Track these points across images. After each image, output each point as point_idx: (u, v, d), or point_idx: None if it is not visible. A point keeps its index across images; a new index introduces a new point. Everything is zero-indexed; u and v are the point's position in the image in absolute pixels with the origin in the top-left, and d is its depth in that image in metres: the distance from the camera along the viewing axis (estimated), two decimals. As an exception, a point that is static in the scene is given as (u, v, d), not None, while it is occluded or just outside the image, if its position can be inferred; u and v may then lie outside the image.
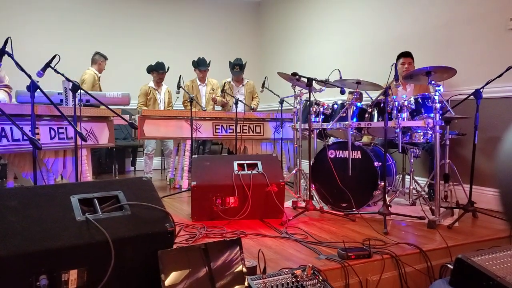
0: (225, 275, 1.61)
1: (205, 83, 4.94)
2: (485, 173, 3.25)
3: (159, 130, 4.05)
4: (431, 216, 2.74)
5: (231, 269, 1.63)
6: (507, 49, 3.10)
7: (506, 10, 3.14)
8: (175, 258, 1.56)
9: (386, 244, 2.24)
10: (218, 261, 1.62)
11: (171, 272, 1.52)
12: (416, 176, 3.42)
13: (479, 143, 2.97)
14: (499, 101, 3.12)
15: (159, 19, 6.08)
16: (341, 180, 3.01)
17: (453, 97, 3.23)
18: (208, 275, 1.58)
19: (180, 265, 1.55)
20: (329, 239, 2.39)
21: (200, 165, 2.87)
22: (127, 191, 1.73)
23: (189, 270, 1.56)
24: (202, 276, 1.57)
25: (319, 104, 3.34)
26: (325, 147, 3.21)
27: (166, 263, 1.52)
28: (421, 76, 2.83)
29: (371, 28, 4.46)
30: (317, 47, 5.30)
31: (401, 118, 2.83)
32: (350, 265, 1.95)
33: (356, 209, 2.95)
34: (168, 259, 1.53)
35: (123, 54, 5.76)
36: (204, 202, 2.77)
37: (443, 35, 3.64)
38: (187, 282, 1.53)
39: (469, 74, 3.29)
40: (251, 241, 2.36)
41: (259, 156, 3.11)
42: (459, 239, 2.38)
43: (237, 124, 4.19)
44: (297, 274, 1.72)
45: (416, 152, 3.16)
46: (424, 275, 2.12)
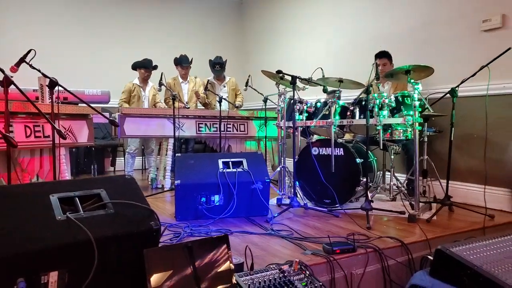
0: (213, 273, 1.60)
1: (187, 81, 4.89)
2: (460, 168, 3.36)
3: (140, 129, 3.98)
4: (411, 210, 2.81)
5: (218, 266, 1.63)
6: (480, 49, 3.21)
7: (479, 12, 3.25)
8: (161, 257, 1.53)
9: (370, 238, 2.28)
10: (206, 258, 1.61)
11: (157, 271, 1.50)
12: (396, 173, 3.50)
13: (455, 139, 3.06)
14: (473, 99, 3.23)
15: (141, 17, 5.98)
16: (324, 176, 3.05)
17: (430, 95, 3.32)
18: (194, 273, 1.57)
19: (166, 264, 1.53)
20: (314, 234, 2.42)
21: (184, 164, 2.85)
22: (109, 189, 1.69)
23: (176, 269, 1.54)
24: (188, 274, 1.55)
25: (302, 102, 3.37)
26: (308, 145, 3.24)
27: (152, 262, 1.49)
28: (400, 74, 2.90)
29: (353, 28, 4.52)
30: (300, 46, 5.33)
31: (382, 115, 2.88)
32: (336, 259, 1.98)
33: (340, 205, 2.99)
34: (154, 258, 1.51)
35: (104, 52, 5.65)
36: (188, 201, 2.75)
37: (421, 35, 3.73)
38: (174, 281, 1.52)
39: (445, 73, 3.39)
40: (237, 238, 2.36)
41: (244, 154, 3.12)
42: (438, 231, 2.46)
43: (221, 123, 4.17)
44: (284, 270, 1.73)
45: (396, 149, 3.23)
46: (405, 267, 2.17)
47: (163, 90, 4.36)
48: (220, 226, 2.60)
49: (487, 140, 3.04)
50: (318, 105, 3.29)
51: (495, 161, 3.14)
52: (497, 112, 3.10)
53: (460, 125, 3.25)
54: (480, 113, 3.06)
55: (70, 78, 4.28)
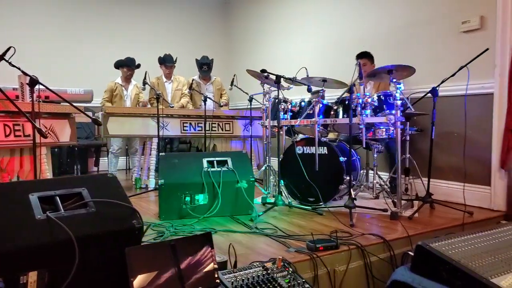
0: (196, 271, 1.60)
1: (171, 80, 4.86)
2: (441, 166, 3.43)
3: (124, 128, 3.94)
4: (393, 208, 2.86)
5: (201, 264, 1.62)
6: (460, 50, 3.28)
7: (458, 14, 3.33)
8: (144, 255, 1.53)
9: (352, 236, 2.31)
10: (188, 257, 1.60)
11: (140, 270, 1.49)
12: (379, 171, 3.55)
13: (436, 138, 3.14)
14: (453, 99, 3.30)
15: (124, 15, 5.92)
16: (308, 175, 3.07)
17: (412, 95, 3.39)
18: (178, 271, 1.56)
19: (149, 263, 1.52)
20: (298, 232, 2.44)
21: (168, 163, 2.83)
22: (91, 188, 1.68)
23: (158, 267, 1.53)
24: (172, 273, 1.55)
25: (287, 102, 3.39)
26: (293, 144, 3.26)
27: (134, 261, 1.48)
28: (383, 74, 2.95)
29: (337, 28, 4.57)
30: (285, 46, 5.36)
31: (365, 114, 2.93)
32: (319, 256, 2.00)
33: (323, 203, 3.02)
34: (136, 257, 1.50)
35: (87, 51, 5.58)
36: (172, 201, 2.74)
37: (403, 36, 3.80)
38: (157, 279, 1.51)
39: (426, 73, 3.45)
40: (221, 237, 2.36)
41: (229, 153, 3.11)
42: (419, 228, 2.51)
43: (206, 122, 4.16)
44: (267, 267, 1.74)
45: (379, 148, 3.28)
46: (387, 263, 2.21)
47: (147, 90, 4.33)
48: (205, 225, 2.60)
49: (466, 139, 3.11)
50: (303, 104, 3.32)
51: (474, 159, 3.21)
52: (475, 111, 3.19)
53: (441, 124, 3.32)
54: (460, 112, 3.14)
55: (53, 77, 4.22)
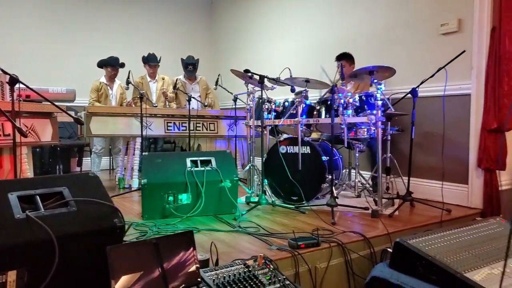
0: (178, 269, 1.61)
1: (156, 80, 4.84)
2: (421, 165, 3.51)
3: (107, 128, 3.90)
4: (374, 206, 2.91)
5: (183, 262, 1.64)
6: (439, 51, 3.37)
7: (438, 17, 3.42)
8: (125, 253, 1.53)
9: (334, 233, 2.35)
10: (170, 255, 1.61)
11: (121, 268, 1.49)
12: (361, 170, 3.62)
13: (416, 138, 3.21)
14: (432, 99, 3.38)
15: (108, 14, 5.86)
16: (291, 174, 3.11)
17: (393, 95, 3.46)
18: (160, 270, 1.57)
19: (130, 261, 1.52)
20: (280, 230, 2.46)
21: (151, 163, 2.83)
22: (72, 187, 1.67)
23: (140, 266, 1.54)
24: (153, 271, 1.55)
25: (271, 102, 3.42)
26: (276, 143, 3.29)
27: (115, 260, 1.49)
28: (364, 74, 3.01)
29: (320, 30, 4.62)
30: (270, 46, 5.39)
31: (347, 115, 2.98)
32: (300, 253, 2.03)
33: (306, 201, 3.06)
34: (117, 255, 1.50)
35: (70, 49, 5.51)
36: (155, 200, 2.73)
37: (384, 37, 3.87)
38: (139, 278, 1.51)
39: (407, 74, 3.53)
40: (204, 236, 2.37)
41: (212, 153, 3.12)
42: (399, 226, 2.57)
43: (190, 122, 4.15)
44: (249, 264, 1.77)
45: (361, 147, 3.34)
46: (367, 260, 2.26)
47: (131, 89, 4.30)
48: (188, 224, 2.60)
49: (444, 139, 3.20)
50: (286, 104, 3.35)
51: (453, 158, 3.30)
52: (454, 111, 3.28)
53: (421, 124, 3.40)
54: (439, 112, 3.22)
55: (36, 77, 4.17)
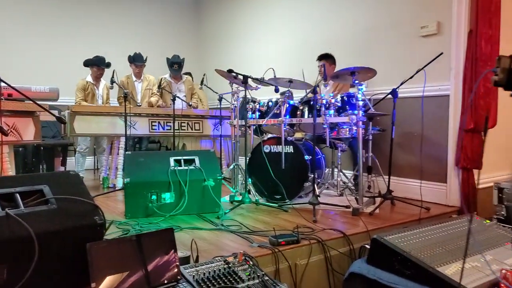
0: (158, 265, 1.63)
1: (141, 79, 4.83)
2: (402, 165, 3.59)
3: (91, 127, 3.89)
4: (355, 204, 2.97)
5: (163, 259, 1.66)
6: (419, 53, 3.45)
7: (418, 19, 3.50)
8: (105, 250, 1.54)
9: (314, 231, 2.40)
10: (150, 252, 1.63)
11: (101, 265, 1.51)
12: (345, 169, 3.68)
13: (396, 137, 3.28)
14: (412, 100, 3.46)
15: (93, 12, 5.81)
16: (275, 173, 3.15)
17: (374, 96, 3.53)
18: (140, 266, 1.59)
19: (110, 258, 1.54)
20: (262, 228, 2.50)
21: (134, 162, 2.83)
22: (53, 186, 1.68)
23: (120, 262, 1.55)
24: (133, 267, 1.57)
25: (255, 102, 3.46)
26: (260, 143, 3.33)
27: (95, 256, 1.50)
28: (346, 75, 3.06)
29: (303, 30, 4.68)
30: (254, 46, 5.43)
31: (329, 114, 3.03)
32: (280, 250, 2.07)
33: (289, 200, 3.11)
34: (97, 252, 1.51)
35: (55, 48, 5.45)
36: (138, 199, 2.74)
37: (367, 39, 3.95)
38: (119, 274, 1.53)
39: (389, 75, 3.60)
40: (187, 234, 2.39)
41: (196, 152, 3.14)
42: (378, 223, 2.63)
43: (175, 121, 4.16)
44: (229, 261, 1.80)
45: (343, 147, 3.40)
46: (347, 257, 2.31)
47: (116, 89, 4.29)
48: (171, 223, 2.62)
49: (423, 139, 3.28)
50: (270, 104, 3.39)
51: (432, 157, 3.39)
52: (432, 112, 3.36)
53: (401, 124, 3.48)
54: (418, 112, 3.30)
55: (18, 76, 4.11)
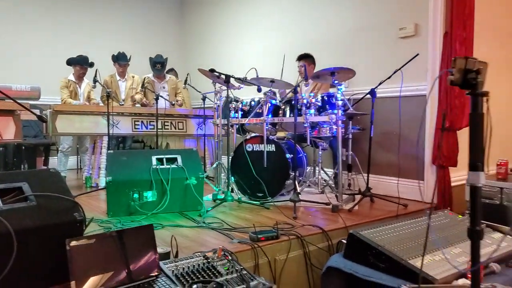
0: (137, 261, 1.66)
1: (125, 79, 4.82)
2: (381, 163, 3.68)
3: (73, 126, 3.87)
4: (335, 202, 3.05)
5: (143, 254, 1.69)
6: (398, 54, 3.54)
7: (397, 21, 3.60)
8: (84, 246, 1.56)
9: (294, 227, 2.45)
10: (130, 247, 1.66)
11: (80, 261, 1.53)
12: (326, 168, 3.75)
13: (376, 136, 3.37)
14: (390, 100, 3.55)
15: (76, 11, 5.77)
16: (257, 171, 3.20)
17: (354, 96, 3.61)
18: (119, 262, 1.61)
19: (90, 254, 1.56)
20: (244, 225, 2.54)
21: (116, 160, 2.85)
22: (32, 183, 1.70)
23: (99, 258, 1.58)
24: (112, 263, 1.60)
25: (238, 101, 3.50)
26: (243, 141, 3.37)
27: (73, 252, 1.52)
28: (326, 75, 3.14)
29: (286, 31, 4.74)
30: (238, 46, 5.47)
31: (309, 114, 3.10)
32: (260, 246, 2.12)
33: (271, 197, 3.16)
34: (76, 248, 1.53)
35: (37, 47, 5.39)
36: (120, 197, 2.75)
37: (348, 40, 4.03)
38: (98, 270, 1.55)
39: (368, 76, 3.69)
40: (168, 231, 2.41)
41: (179, 151, 3.17)
42: (356, 219, 2.70)
43: (158, 120, 4.17)
44: (208, 256, 1.84)
45: (324, 145, 3.47)
46: (325, 252, 2.38)
47: (98, 88, 4.28)
48: (153, 221, 2.64)
49: (401, 137, 3.38)
50: (253, 103, 3.44)
51: (410, 156, 3.48)
52: (410, 111, 3.45)
53: (380, 124, 3.56)
54: (396, 111, 3.39)
55: None
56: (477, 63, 1.10)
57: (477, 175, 1.08)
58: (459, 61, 1.06)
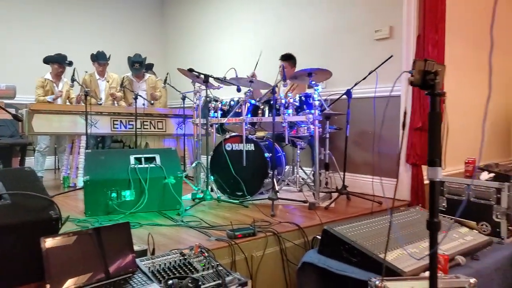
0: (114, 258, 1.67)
1: (105, 78, 4.78)
2: (357, 162, 3.78)
3: (51, 126, 3.83)
4: (312, 199, 3.11)
5: (119, 252, 1.70)
6: (374, 56, 3.64)
7: (373, 23, 3.70)
8: (60, 244, 1.57)
9: (271, 224, 2.50)
10: (106, 245, 1.67)
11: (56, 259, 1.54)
12: (304, 167, 3.82)
13: (353, 136, 3.46)
14: (365, 100, 3.65)
15: (55, 9, 5.68)
16: (236, 170, 3.24)
17: (331, 96, 3.69)
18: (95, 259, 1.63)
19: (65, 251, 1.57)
20: (222, 223, 2.58)
21: (94, 160, 2.84)
22: (7, 181, 1.69)
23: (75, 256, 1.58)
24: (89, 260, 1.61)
25: (217, 101, 3.53)
26: (222, 141, 3.41)
27: (49, 250, 1.53)
28: (304, 76, 3.20)
29: (265, 32, 4.80)
30: (219, 46, 5.50)
31: (287, 114, 3.16)
32: (237, 243, 2.16)
33: (250, 196, 3.21)
34: (51, 246, 1.54)
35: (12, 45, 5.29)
36: (98, 197, 2.75)
37: (327, 41, 4.12)
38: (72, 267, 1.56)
39: (346, 76, 3.78)
40: (146, 230, 2.42)
41: (157, 150, 3.18)
42: (332, 216, 2.78)
43: (137, 120, 4.16)
44: (185, 253, 1.86)
45: (302, 144, 3.54)
46: (301, 248, 2.43)
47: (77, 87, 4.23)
48: (131, 220, 2.63)
49: (376, 137, 3.48)
50: (232, 103, 3.48)
51: (385, 154, 3.59)
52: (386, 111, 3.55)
53: (356, 123, 3.65)
54: (371, 111, 3.48)
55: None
56: (435, 65, 1.17)
57: (435, 170, 1.15)
58: (419, 63, 1.13)
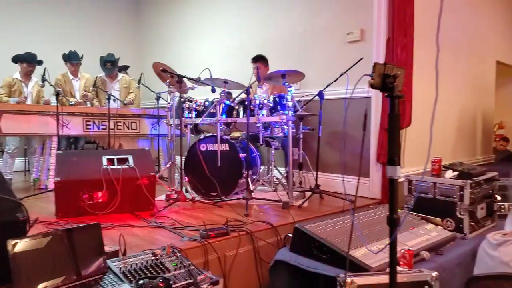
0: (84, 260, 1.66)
1: (79, 78, 4.69)
2: (329, 161, 3.86)
3: (20, 126, 3.72)
4: (286, 199, 3.16)
5: (89, 253, 1.69)
6: (345, 58, 3.73)
7: (345, 26, 3.79)
8: (28, 246, 1.55)
9: (244, 224, 2.53)
10: (76, 246, 1.66)
11: (23, 261, 1.51)
12: (278, 166, 3.88)
13: (325, 136, 3.53)
14: (337, 101, 3.73)
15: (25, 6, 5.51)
16: (211, 171, 3.25)
17: (304, 97, 3.76)
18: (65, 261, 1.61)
19: (33, 254, 1.55)
20: (195, 224, 2.59)
21: (66, 161, 2.79)
22: (-29, 184, 1.65)
23: (44, 258, 1.57)
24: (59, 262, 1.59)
25: (192, 101, 3.54)
26: (196, 141, 3.41)
27: (16, 253, 1.50)
28: (278, 77, 3.26)
29: (240, 32, 4.83)
30: (194, 46, 5.49)
31: (261, 114, 3.20)
32: (210, 243, 2.18)
33: (225, 196, 3.23)
34: (19, 248, 1.52)
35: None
36: (69, 198, 2.70)
37: (301, 43, 4.18)
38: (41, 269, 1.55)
39: (320, 78, 3.84)
40: (118, 231, 2.40)
41: (130, 151, 3.15)
42: (305, 215, 2.83)
43: (110, 120, 4.10)
44: (157, 253, 1.87)
45: (276, 145, 3.59)
46: (274, 247, 2.48)
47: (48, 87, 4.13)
48: (103, 221, 2.61)
49: (347, 137, 3.57)
50: (207, 104, 3.49)
51: (356, 154, 3.67)
52: (357, 112, 3.63)
53: (328, 124, 3.73)
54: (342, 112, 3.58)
55: None
56: (394, 69, 1.23)
57: (394, 169, 1.21)
58: (378, 67, 1.19)
